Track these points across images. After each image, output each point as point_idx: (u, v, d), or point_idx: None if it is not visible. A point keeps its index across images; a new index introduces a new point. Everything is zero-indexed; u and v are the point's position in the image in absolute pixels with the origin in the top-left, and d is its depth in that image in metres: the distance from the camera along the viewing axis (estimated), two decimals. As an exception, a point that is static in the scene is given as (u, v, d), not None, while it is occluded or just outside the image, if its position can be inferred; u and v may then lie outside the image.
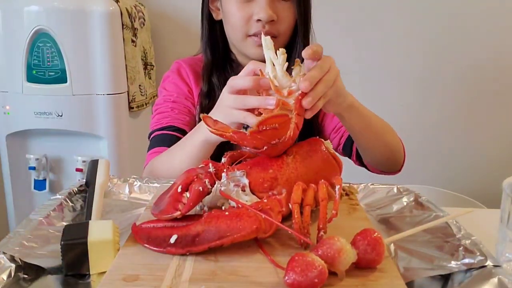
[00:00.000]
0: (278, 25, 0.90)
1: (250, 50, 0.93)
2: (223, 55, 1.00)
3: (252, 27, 0.90)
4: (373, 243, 0.51)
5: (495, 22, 1.85)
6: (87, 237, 0.53)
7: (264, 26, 0.89)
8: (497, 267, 0.52)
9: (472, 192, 1.61)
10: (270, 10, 0.87)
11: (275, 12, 0.89)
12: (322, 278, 0.47)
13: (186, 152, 0.81)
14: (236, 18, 0.91)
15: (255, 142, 0.59)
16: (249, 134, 0.58)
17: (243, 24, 0.90)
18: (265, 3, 0.87)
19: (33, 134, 1.58)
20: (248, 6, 0.89)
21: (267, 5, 0.87)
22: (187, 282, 0.49)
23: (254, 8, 0.89)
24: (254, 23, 0.89)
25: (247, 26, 0.90)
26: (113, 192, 0.79)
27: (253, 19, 0.89)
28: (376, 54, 1.89)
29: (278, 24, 0.90)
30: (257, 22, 0.89)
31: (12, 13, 1.47)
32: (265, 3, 0.88)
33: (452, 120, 1.97)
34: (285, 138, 0.60)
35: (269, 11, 0.87)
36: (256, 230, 0.53)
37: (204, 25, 0.99)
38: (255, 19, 0.89)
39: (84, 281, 0.53)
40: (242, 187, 0.61)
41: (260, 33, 0.88)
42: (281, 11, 0.90)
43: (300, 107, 0.62)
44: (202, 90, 0.99)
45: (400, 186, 0.80)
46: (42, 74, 1.47)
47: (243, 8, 0.90)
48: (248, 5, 0.89)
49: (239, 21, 0.90)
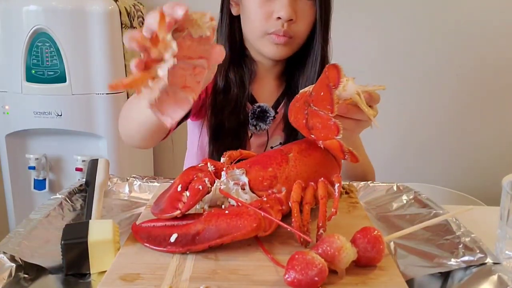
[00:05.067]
0: (297, 25, 0.89)
1: (267, 47, 0.92)
2: (239, 51, 0.99)
3: (271, 25, 0.89)
4: (373, 241, 0.51)
5: (495, 22, 1.85)
6: (87, 236, 0.53)
7: (283, 24, 0.88)
8: (496, 264, 0.52)
9: (472, 190, 1.61)
10: (291, 9, 0.87)
11: (295, 11, 0.88)
12: (322, 276, 0.47)
13: (132, 118, 0.75)
14: (256, 15, 0.90)
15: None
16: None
17: (263, 22, 0.89)
18: (287, 1, 0.86)
19: (33, 133, 1.58)
20: (269, 3, 0.88)
21: (289, 3, 0.86)
22: (187, 281, 0.49)
23: (275, 6, 0.88)
24: (274, 21, 0.88)
25: (267, 23, 0.89)
26: (113, 191, 0.79)
27: (273, 17, 0.88)
28: (376, 54, 1.89)
29: (297, 24, 0.89)
30: (277, 20, 0.88)
31: (11, 13, 1.46)
32: (287, 0, 0.86)
33: (451, 118, 1.97)
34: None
35: (290, 9, 0.86)
36: (256, 228, 0.53)
37: (224, 19, 0.97)
38: (275, 17, 0.88)
39: (84, 280, 0.53)
40: (242, 185, 0.61)
41: (277, 33, 0.87)
42: (301, 10, 0.89)
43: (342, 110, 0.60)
44: (217, 85, 0.97)
45: (399, 184, 0.80)
46: (41, 74, 1.47)
47: (264, 5, 0.89)
48: (269, 2, 0.88)
49: (259, 18, 0.89)
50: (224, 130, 0.94)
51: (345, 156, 0.59)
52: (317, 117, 0.59)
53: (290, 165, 0.62)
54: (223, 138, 0.94)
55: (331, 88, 0.57)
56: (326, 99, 0.57)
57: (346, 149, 0.58)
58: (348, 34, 1.82)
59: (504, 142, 1.98)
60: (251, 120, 0.97)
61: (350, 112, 0.60)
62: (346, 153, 0.59)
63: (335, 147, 0.59)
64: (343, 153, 0.59)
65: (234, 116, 0.95)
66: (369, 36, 1.88)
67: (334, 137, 0.57)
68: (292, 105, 0.67)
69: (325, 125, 0.58)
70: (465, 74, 1.92)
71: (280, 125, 1.00)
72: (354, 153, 0.59)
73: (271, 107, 0.98)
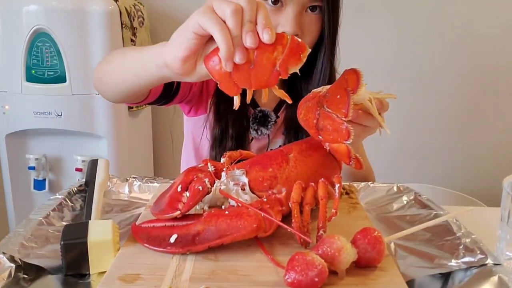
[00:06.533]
0: (302, 38, 0.88)
1: None
2: None
3: None
4: (373, 241, 0.51)
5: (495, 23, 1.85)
6: (87, 237, 0.53)
7: None
8: (497, 265, 0.52)
9: (472, 191, 1.61)
10: (296, 25, 0.84)
11: (301, 24, 0.86)
12: (322, 277, 0.47)
13: (137, 72, 0.68)
14: None
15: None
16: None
17: None
18: (292, 16, 0.84)
19: (33, 134, 1.58)
20: (275, 17, 0.85)
21: (294, 18, 0.84)
22: (187, 282, 0.49)
23: (281, 19, 0.85)
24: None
25: None
26: (113, 191, 0.79)
27: (278, 30, 0.87)
28: (376, 55, 1.89)
29: (302, 37, 0.87)
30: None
31: (11, 13, 1.46)
32: (293, 15, 0.84)
33: (452, 119, 1.97)
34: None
35: (295, 24, 0.84)
36: (256, 229, 0.53)
37: None
38: (280, 31, 0.87)
39: (84, 280, 0.53)
40: (242, 186, 0.60)
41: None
42: (307, 23, 0.87)
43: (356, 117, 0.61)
44: (220, 93, 0.96)
45: (400, 184, 0.80)
46: (41, 74, 1.47)
47: (271, 16, 0.88)
48: (276, 15, 0.85)
49: None
50: (227, 136, 0.94)
51: (350, 161, 0.59)
52: (329, 119, 0.59)
53: (290, 165, 0.62)
54: (226, 143, 0.94)
55: (349, 93, 0.57)
56: (342, 103, 0.57)
57: (353, 155, 0.58)
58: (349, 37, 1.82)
59: (504, 142, 1.98)
60: (253, 125, 0.97)
61: (359, 117, 0.61)
62: (352, 159, 0.58)
63: (343, 152, 0.58)
64: (349, 159, 0.58)
65: (237, 122, 0.95)
66: (369, 38, 1.88)
67: (344, 141, 0.57)
68: (303, 103, 0.67)
69: (336, 128, 0.58)
70: (465, 75, 1.92)
71: (280, 128, 1.00)
72: (360, 159, 0.59)
73: (272, 111, 0.98)
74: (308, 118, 0.63)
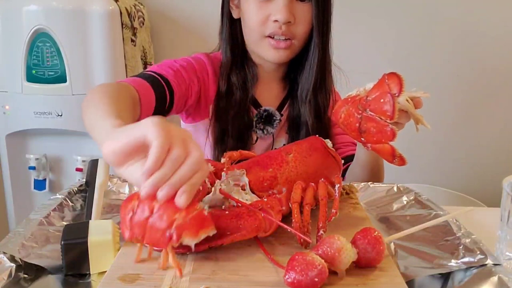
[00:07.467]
0: (295, 27, 0.89)
1: (266, 52, 0.92)
2: (241, 54, 0.98)
3: (268, 28, 0.89)
4: (373, 242, 0.51)
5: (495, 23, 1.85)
6: (87, 237, 0.53)
7: (281, 27, 0.87)
8: (497, 265, 0.52)
9: (472, 191, 1.61)
10: (287, 11, 0.86)
11: (292, 14, 0.88)
12: (322, 277, 0.47)
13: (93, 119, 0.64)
14: (253, 18, 0.90)
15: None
16: None
17: (260, 24, 0.89)
18: (283, 4, 0.86)
19: (33, 134, 1.58)
20: (266, 6, 0.88)
21: (285, 6, 0.86)
22: (187, 282, 0.49)
23: (272, 9, 0.88)
24: (271, 23, 0.88)
25: (264, 26, 0.89)
26: (113, 191, 0.79)
27: (270, 20, 0.88)
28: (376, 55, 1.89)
29: (295, 26, 0.89)
30: (274, 22, 0.88)
31: (11, 13, 1.46)
32: (283, 3, 0.86)
33: (452, 119, 1.97)
34: None
35: (287, 12, 0.86)
36: (256, 229, 0.53)
37: (224, 22, 0.97)
38: (272, 20, 0.88)
39: (84, 280, 0.53)
40: (242, 186, 0.61)
41: (276, 34, 0.88)
42: (299, 12, 0.89)
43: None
44: (219, 90, 0.96)
45: (400, 185, 0.80)
46: (41, 74, 1.47)
47: (261, 7, 0.89)
48: (266, 5, 0.88)
49: (256, 21, 0.89)
50: (228, 134, 0.94)
51: (394, 160, 0.61)
52: (373, 122, 0.60)
53: (290, 165, 0.62)
54: (227, 142, 0.94)
55: (393, 96, 0.59)
56: (387, 106, 0.59)
57: (397, 153, 0.61)
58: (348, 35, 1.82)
59: (504, 143, 1.98)
60: (258, 124, 0.97)
61: (399, 117, 0.62)
62: (397, 157, 0.61)
63: (387, 151, 0.61)
64: (394, 157, 0.61)
65: (237, 120, 0.95)
66: (369, 37, 1.88)
67: (389, 141, 0.60)
68: (341, 106, 0.67)
69: (381, 130, 0.60)
70: (465, 75, 1.91)
71: (284, 127, 1.00)
72: (403, 157, 0.61)
73: (276, 110, 0.98)
74: (349, 122, 0.64)
